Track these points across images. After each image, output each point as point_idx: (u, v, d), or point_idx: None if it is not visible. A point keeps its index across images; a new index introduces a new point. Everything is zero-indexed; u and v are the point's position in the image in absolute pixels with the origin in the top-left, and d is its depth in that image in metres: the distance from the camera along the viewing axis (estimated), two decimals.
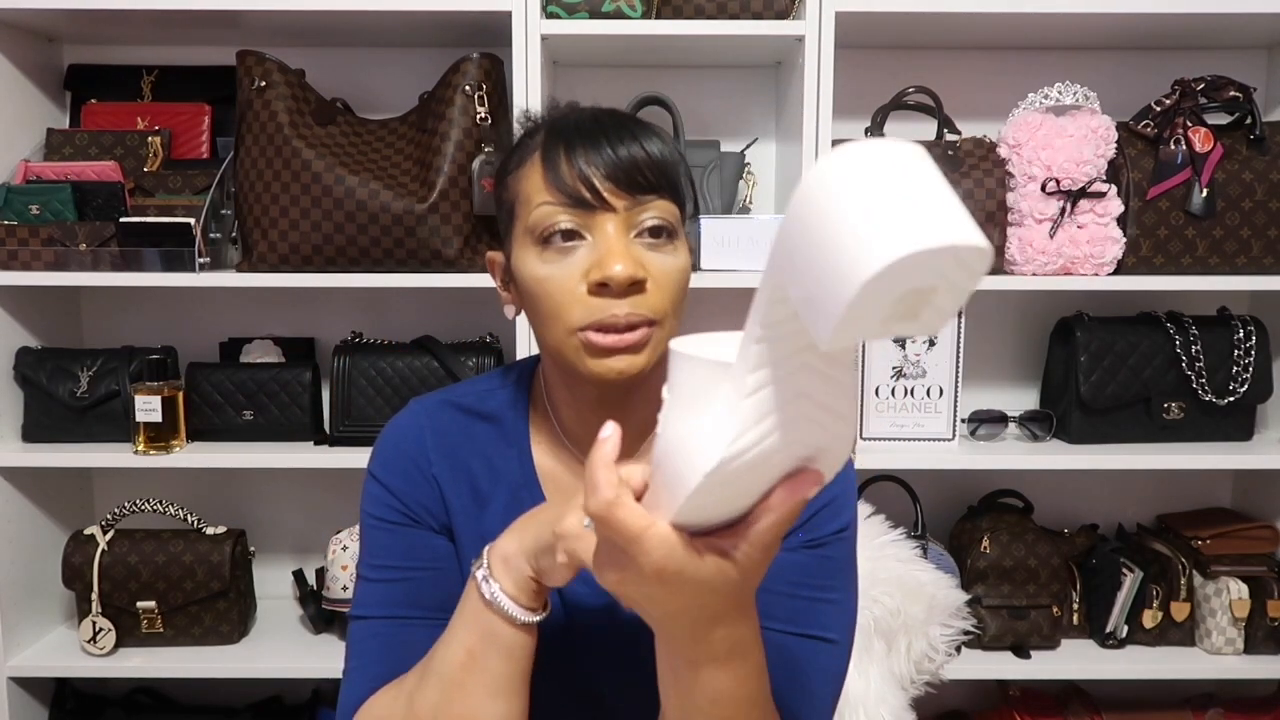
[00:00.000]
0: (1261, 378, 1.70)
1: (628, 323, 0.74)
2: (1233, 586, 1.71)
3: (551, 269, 0.76)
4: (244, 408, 1.68)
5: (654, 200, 0.76)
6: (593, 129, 0.76)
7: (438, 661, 0.74)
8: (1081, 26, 1.67)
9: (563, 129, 0.77)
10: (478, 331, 1.77)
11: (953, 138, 1.65)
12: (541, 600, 0.73)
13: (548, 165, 0.76)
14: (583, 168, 0.74)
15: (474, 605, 0.73)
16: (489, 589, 0.71)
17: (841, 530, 0.84)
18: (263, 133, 1.58)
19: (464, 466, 0.86)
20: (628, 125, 0.77)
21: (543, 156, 0.77)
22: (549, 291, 0.76)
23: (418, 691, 0.75)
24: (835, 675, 0.84)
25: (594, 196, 0.74)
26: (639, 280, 0.74)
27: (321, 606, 1.74)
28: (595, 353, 0.75)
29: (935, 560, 1.63)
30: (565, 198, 0.75)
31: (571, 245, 0.75)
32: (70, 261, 1.60)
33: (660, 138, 0.78)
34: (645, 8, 1.55)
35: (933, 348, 1.69)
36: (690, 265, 0.80)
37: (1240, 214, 1.62)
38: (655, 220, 0.76)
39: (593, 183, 0.74)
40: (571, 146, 0.75)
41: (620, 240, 0.74)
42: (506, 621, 0.72)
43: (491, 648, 0.72)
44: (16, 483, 1.69)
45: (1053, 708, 1.81)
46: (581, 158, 0.75)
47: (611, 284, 0.73)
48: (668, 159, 0.77)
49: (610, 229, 0.75)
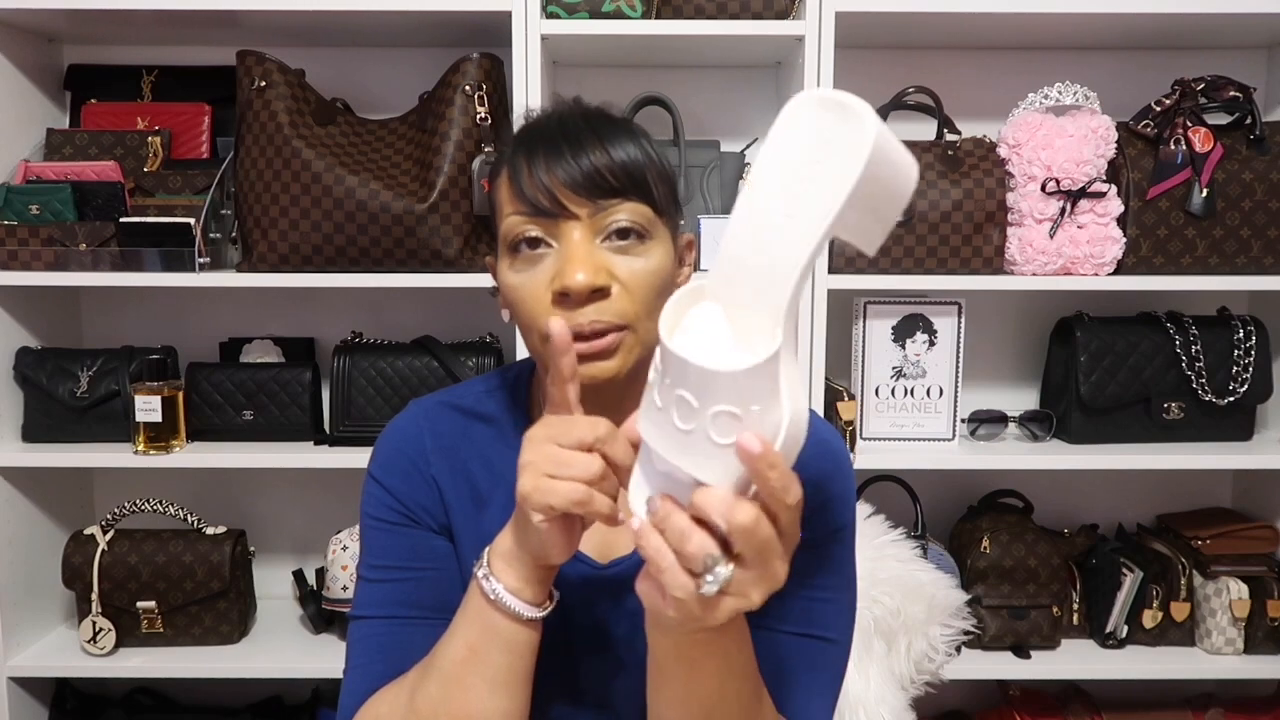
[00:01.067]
0: (1261, 378, 1.70)
1: (592, 330, 0.74)
2: (1233, 586, 1.71)
3: (522, 278, 0.77)
4: (244, 408, 1.68)
5: (619, 204, 0.75)
6: (556, 136, 0.76)
7: (439, 658, 0.74)
8: (1081, 26, 1.67)
9: (528, 138, 0.78)
10: (478, 331, 1.77)
11: (953, 138, 1.65)
12: (545, 594, 0.73)
13: (512, 176, 0.77)
14: (542, 177, 0.75)
15: (476, 603, 0.73)
16: (490, 587, 0.72)
17: (840, 530, 0.85)
18: (263, 133, 1.58)
19: (463, 467, 0.86)
20: (595, 129, 0.77)
21: (509, 166, 0.77)
22: (521, 299, 0.77)
23: (419, 688, 0.75)
24: (835, 674, 0.84)
25: (554, 205, 0.75)
26: (601, 287, 0.74)
27: (321, 606, 1.74)
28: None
29: (935, 560, 1.63)
30: (529, 207, 0.75)
31: (539, 253, 0.76)
32: (70, 261, 1.60)
33: (632, 139, 0.77)
34: (645, 8, 1.55)
35: (933, 348, 1.69)
36: (670, 263, 0.79)
37: (1240, 214, 1.62)
38: (623, 222, 0.76)
39: (552, 192, 0.74)
40: (533, 156, 0.76)
41: (582, 247, 0.74)
42: (509, 617, 0.72)
43: (493, 643, 0.72)
44: (16, 483, 1.69)
45: (1053, 708, 1.81)
46: (542, 168, 0.75)
47: (571, 293, 0.73)
48: (634, 160, 0.76)
49: (576, 236, 0.75)
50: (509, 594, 0.71)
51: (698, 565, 0.59)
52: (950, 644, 1.49)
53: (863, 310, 1.68)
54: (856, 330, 1.70)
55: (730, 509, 0.57)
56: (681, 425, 0.59)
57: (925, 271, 1.61)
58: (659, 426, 0.61)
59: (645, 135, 0.80)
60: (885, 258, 1.60)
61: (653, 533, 0.60)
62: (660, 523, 0.60)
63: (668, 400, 0.59)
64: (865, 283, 1.61)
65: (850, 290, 1.65)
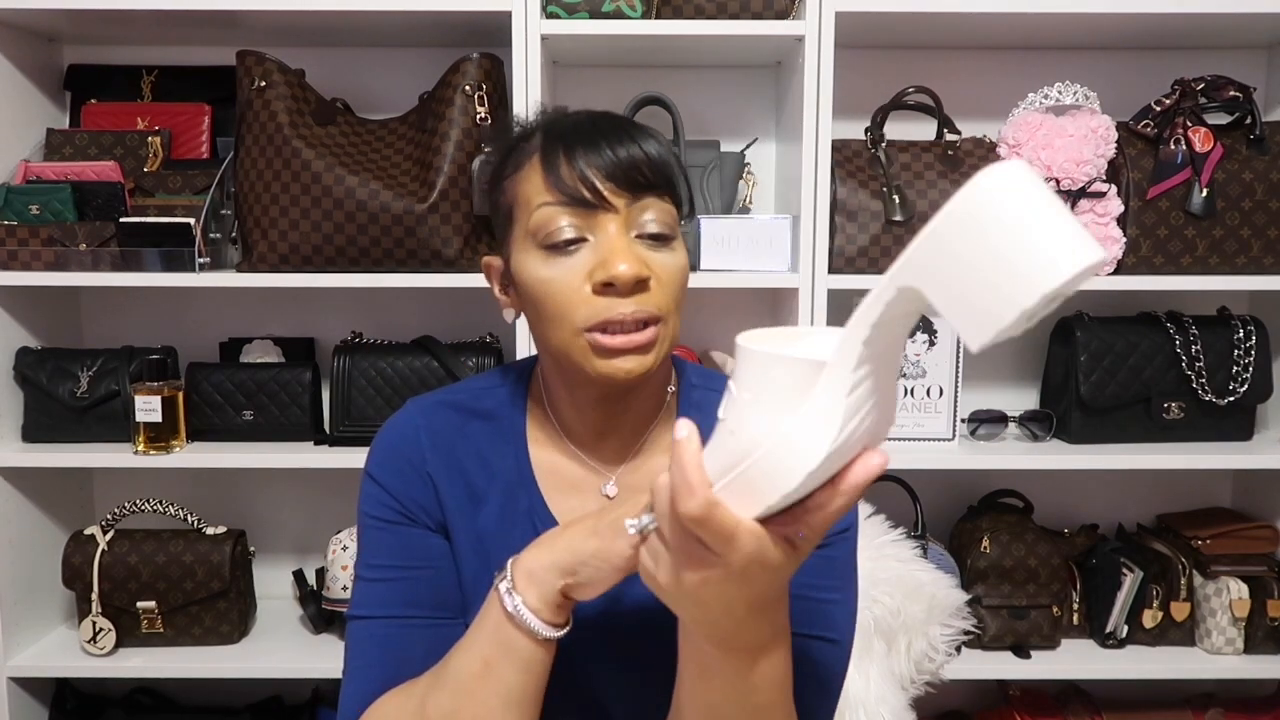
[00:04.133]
0: (1261, 378, 1.70)
1: (635, 321, 0.74)
2: (1233, 586, 1.71)
3: (555, 270, 0.76)
4: (244, 408, 1.68)
5: (653, 199, 0.77)
6: (590, 130, 0.77)
7: (453, 669, 0.74)
8: (1081, 26, 1.67)
9: (560, 131, 0.78)
10: (477, 331, 1.77)
11: (953, 138, 1.65)
12: (565, 615, 0.73)
13: (547, 167, 0.76)
14: (583, 168, 0.75)
15: (495, 617, 0.72)
16: (512, 602, 0.71)
17: (844, 531, 0.85)
18: (263, 133, 1.58)
19: (459, 465, 0.86)
20: (624, 126, 0.78)
21: (542, 159, 0.77)
22: (552, 293, 0.76)
23: (430, 696, 0.75)
24: (836, 674, 0.84)
25: (595, 196, 0.75)
26: (644, 279, 0.74)
27: (321, 606, 1.74)
28: (603, 353, 0.75)
29: (935, 560, 1.63)
30: (566, 198, 0.75)
31: (574, 247, 0.76)
32: (70, 261, 1.60)
33: (655, 139, 0.79)
34: (645, 8, 1.55)
35: (933, 348, 1.69)
36: (688, 264, 0.80)
37: (1240, 214, 1.62)
38: (655, 219, 0.77)
39: (593, 183, 0.74)
40: (571, 148, 0.76)
41: (623, 239, 0.75)
42: (527, 636, 0.71)
43: (508, 660, 0.72)
44: (16, 483, 1.69)
45: (1053, 708, 1.81)
46: (581, 158, 0.75)
47: (617, 283, 0.73)
48: (664, 159, 0.78)
49: (612, 229, 0.75)
50: (529, 612, 0.70)
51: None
52: (950, 644, 1.49)
53: None
54: None
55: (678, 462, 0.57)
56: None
57: None
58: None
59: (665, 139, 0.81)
60: (885, 258, 1.60)
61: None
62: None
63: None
64: (865, 283, 1.61)
65: (850, 290, 1.65)
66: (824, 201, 1.58)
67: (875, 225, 1.60)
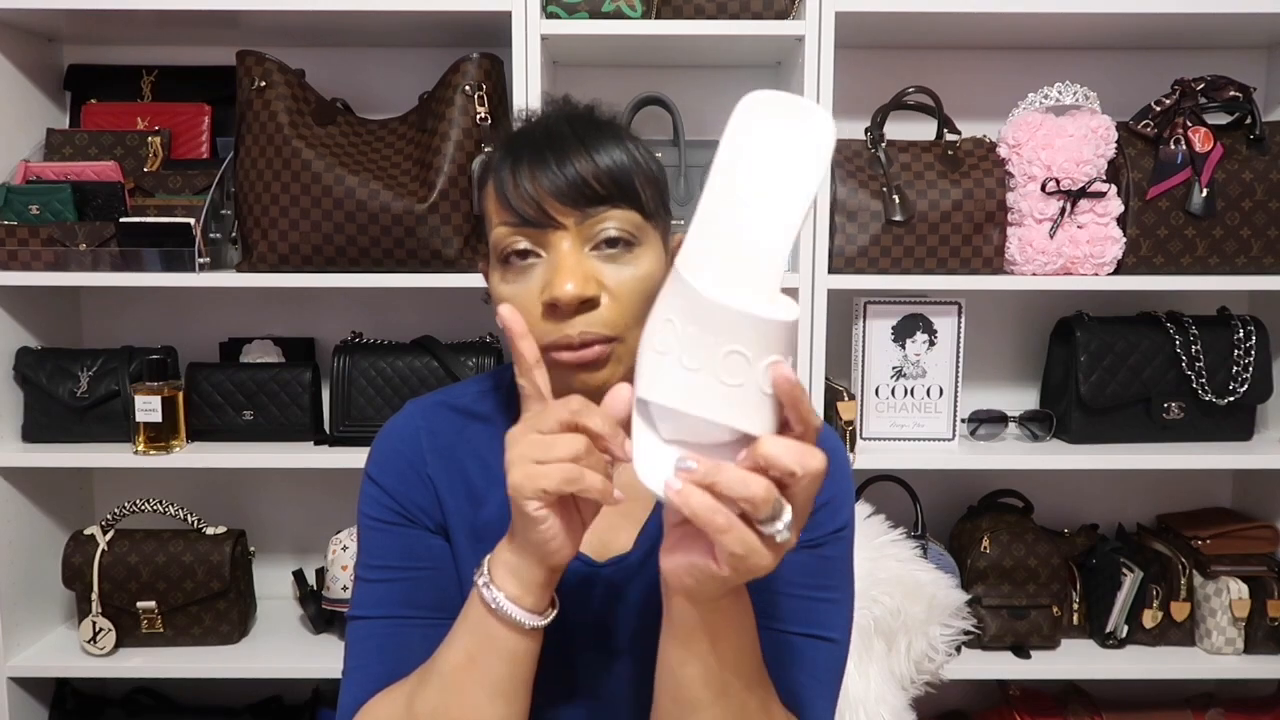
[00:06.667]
0: (1261, 378, 1.70)
1: (582, 341, 0.74)
2: (1233, 586, 1.71)
3: (513, 288, 0.77)
4: (244, 408, 1.68)
5: (607, 211, 0.75)
6: (543, 145, 0.76)
7: (438, 664, 0.74)
8: (1081, 26, 1.67)
9: (514, 147, 0.77)
10: (477, 331, 1.77)
11: (953, 138, 1.65)
12: (547, 601, 0.73)
13: (498, 186, 0.76)
14: (527, 187, 0.74)
15: (476, 611, 0.72)
16: (490, 595, 0.71)
17: (840, 530, 0.85)
18: (263, 133, 1.58)
19: (459, 466, 0.86)
20: (580, 135, 0.76)
21: (494, 177, 0.77)
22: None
23: (417, 693, 0.75)
24: (835, 674, 0.84)
25: (541, 215, 0.74)
26: (589, 298, 0.74)
27: (321, 606, 1.74)
28: (562, 369, 0.76)
29: (935, 560, 1.63)
30: (516, 218, 0.75)
31: (528, 264, 0.76)
32: (70, 261, 1.60)
33: (618, 143, 0.77)
34: (645, 8, 1.55)
35: (933, 348, 1.69)
36: (659, 267, 0.78)
37: (1240, 214, 1.62)
38: (612, 231, 0.75)
39: (539, 202, 0.74)
40: (519, 166, 0.75)
41: (570, 257, 0.74)
42: (509, 626, 0.71)
43: (492, 652, 0.72)
44: (16, 483, 1.69)
45: (1053, 708, 1.81)
46: (527, 177, 0.74)
47: (560, 304, 0.73)
48: (621, 166, 0.76)
49: (565, 246, 0.75)
50: (509, 602, 0.71)
51: (765, 511, 0.59)
52: (950, 644, 1.49)
53: (863, 310, 1.68)
54: (856, 330, 1.70)
55: (803, 453, 0.59)
56: (730, 380, 0.60)
57: (925, 271, 1.61)
58: (691, 388, 0.61)
59: (633, 137, 0.79)
60: (885, 258, 1.60)
61: (697, 491, 0.60)
62: (707, 479, 0.60)
63: (708, 358, 0.60)
64: (865, 283, 1.61)
65: (850, 290, 1.65)
66: (824, 201, 1.58)
67: (875, 225, 1.60)
